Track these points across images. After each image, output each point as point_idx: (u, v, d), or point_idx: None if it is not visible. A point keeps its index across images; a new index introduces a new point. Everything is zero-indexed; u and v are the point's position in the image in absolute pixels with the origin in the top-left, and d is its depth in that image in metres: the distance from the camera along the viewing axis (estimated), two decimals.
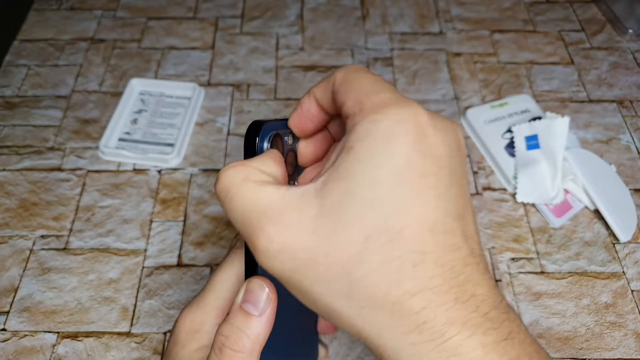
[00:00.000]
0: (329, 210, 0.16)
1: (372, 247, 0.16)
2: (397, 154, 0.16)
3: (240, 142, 0.57)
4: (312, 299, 0.18)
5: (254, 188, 0.18)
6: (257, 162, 0.20)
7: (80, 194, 0.53)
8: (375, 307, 0.16)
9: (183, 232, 0.50)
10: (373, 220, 0.16)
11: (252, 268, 0.22)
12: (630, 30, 0.68)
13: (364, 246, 0.16)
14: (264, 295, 0.21)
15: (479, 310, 0.16)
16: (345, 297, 0.17)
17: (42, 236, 0.50)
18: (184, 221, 0.51)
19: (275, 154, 0.21)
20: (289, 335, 0.26)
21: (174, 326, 0.26)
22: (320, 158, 0.24)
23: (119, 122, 0.58)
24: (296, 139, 0.24)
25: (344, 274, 0.16)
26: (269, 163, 0.20)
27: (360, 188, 0.16)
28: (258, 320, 0.21)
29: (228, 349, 0.21)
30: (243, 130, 0.58)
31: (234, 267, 0.26)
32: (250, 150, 0.22)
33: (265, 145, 0.22)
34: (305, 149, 0.24)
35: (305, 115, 0.22)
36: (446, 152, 0.17)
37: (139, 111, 0.59)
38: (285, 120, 0.23)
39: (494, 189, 0.54)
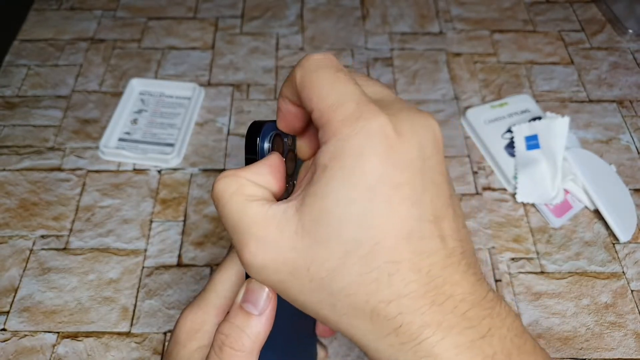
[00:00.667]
0: (308, 228, 0.17)
1: (350, 261, 0.17)
2: (369, 170, 0.17)
3: (240, 142, 0.57)
4: (301, 306, 0.19)
5: (241, 203, 0.19)
6: (250, 173, 0.20)
7: (80, 194, 0.53)
8: (357, 314, 0.17)
9: (183, 232, 0.50)
10: (350, 237, 0.17)
11: None
12: (630, 31, 0.68)
13: (342, 261, 0.17)
14: (263, 294, 0.21)
15: (456, 310, 0.17)
16: (329, 306, 0.18)
17: (42, 236, 0.50)
18: (184, 221, 0.51)
19: (274, 159, 0.21)
20: (287, 337, 0.26)
21: (175, 326, 0.26)
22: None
23: (119, 122, 0.58)
24: (294, 137, 0.24)
25: (325, 286, 0.17)
26: (263, 172, 0.21)
27: (337, 207, 0.17)
28: (258, 320, 0.21)
29: (228, 347, 0.21)
30: (243, 130, 0.58)
31: (235, 266, 0.26)
32: (252, 151, 0.22)
33: (266, 145, 0.22)
34: (302, 145, 0.24)
35: (287, 117, 0.22)
36: (418, 155, 0.18)
37: (139, 111, 0.59)
38: None
39: (494, 189, 0.54)
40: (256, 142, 0.22)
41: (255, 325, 0.21)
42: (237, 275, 0.25)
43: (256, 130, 0.22)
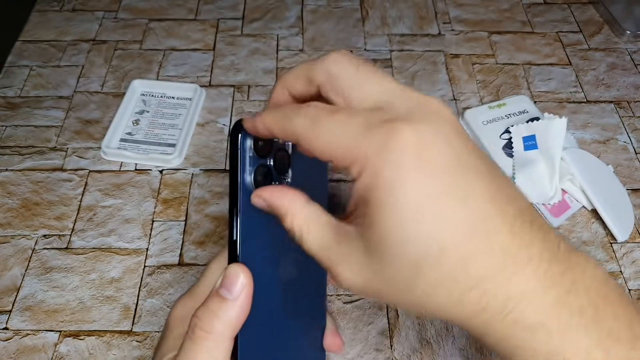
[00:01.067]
0: (375, 253, 0.18)
1: (424, 273, 0.18)
2: (408, 193, 0.17)
3: None
4: (395, 306, 0.20)
5: (322, 232, 0.20)
6: (305, 199, 0.21)
7: (82, 194, 0.53)
8: (445, 306, 0.18)
9: (184, 232, 0.51)
10: (414, 255, 0.17)
11: (234, 255, 0.23)
12: (628, 32, 0.68)
13: (415, 275, 0.18)
14: (238, 280, 0.22)
15: (535, 273, 0.17)
16: (418, 305, 0.19)
17: (44, 236, 0.50)
18: (185, 221, 0.51)
19: (283, 187, 0.22)
20: (292, 348, 0.26)
21: (168, 315, 0.27)
22: None
23: (121, 122, 0.58)
24: None
25: (408, 296, 0.18)
26: (300, 193, 0.22)
27: (392, 233, 0.18)
28: (231, 304, 0.22)
29: (199, 329, 0.22)
30: None
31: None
32: (235, 145, 0.23)
33: (249, 143, 0.23)
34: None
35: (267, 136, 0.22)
36: (450, 153, 0.18)
37: (141, 112, 0.60)
38: None
39: None
40: (238, 138, 0.23)
41: (228, 310, 0.22)
42: None
43: (238, 129, 0.23)
